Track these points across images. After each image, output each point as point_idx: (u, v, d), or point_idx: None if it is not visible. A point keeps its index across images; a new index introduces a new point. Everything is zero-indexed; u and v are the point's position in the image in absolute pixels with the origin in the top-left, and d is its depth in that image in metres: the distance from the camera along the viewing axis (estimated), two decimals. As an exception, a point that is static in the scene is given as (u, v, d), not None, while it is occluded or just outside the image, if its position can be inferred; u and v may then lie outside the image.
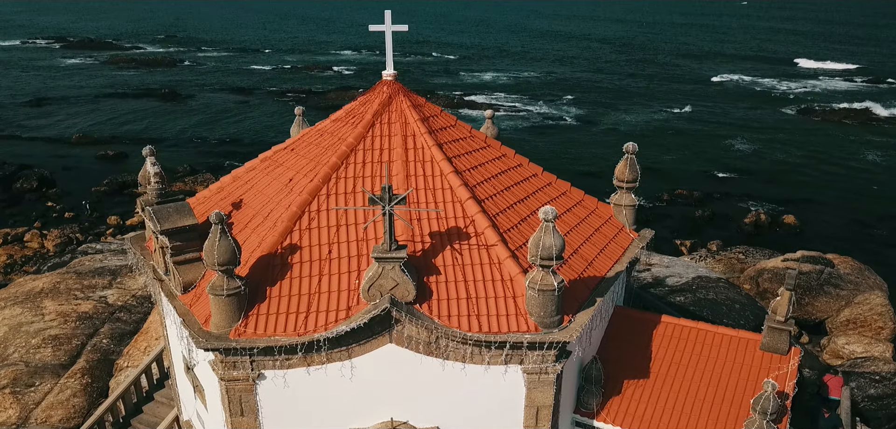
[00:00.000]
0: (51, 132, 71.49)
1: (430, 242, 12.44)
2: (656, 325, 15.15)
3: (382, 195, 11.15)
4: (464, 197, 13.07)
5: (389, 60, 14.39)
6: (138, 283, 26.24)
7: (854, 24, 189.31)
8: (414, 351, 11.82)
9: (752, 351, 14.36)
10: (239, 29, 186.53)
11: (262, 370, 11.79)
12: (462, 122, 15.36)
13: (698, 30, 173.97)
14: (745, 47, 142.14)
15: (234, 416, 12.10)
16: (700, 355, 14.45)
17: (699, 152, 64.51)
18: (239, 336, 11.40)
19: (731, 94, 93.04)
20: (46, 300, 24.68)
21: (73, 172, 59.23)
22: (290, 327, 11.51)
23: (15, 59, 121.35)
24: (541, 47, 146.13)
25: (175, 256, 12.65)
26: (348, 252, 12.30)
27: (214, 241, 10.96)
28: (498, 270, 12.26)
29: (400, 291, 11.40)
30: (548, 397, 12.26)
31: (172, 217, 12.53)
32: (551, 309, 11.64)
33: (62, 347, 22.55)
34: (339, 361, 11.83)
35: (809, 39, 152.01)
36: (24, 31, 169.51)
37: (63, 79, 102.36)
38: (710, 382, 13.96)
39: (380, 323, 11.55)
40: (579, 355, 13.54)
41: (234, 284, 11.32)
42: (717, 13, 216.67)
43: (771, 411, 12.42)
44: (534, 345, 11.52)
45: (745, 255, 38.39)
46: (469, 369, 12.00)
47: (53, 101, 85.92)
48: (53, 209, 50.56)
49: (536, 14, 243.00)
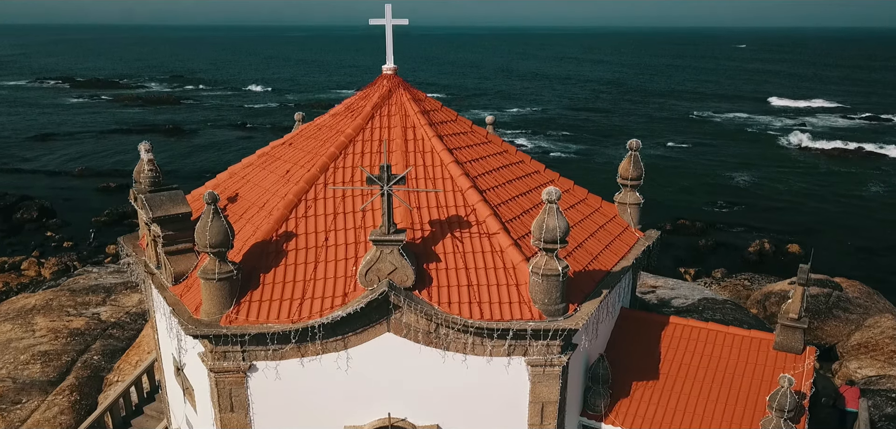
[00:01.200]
0: (54, 165, 71.76)
1: (430, 230, 12.05)
2: (664, 326, 14.61)
3: (381, 175, 10.82)
4: (465, 186, 12.74)
5: (390, 54, 14.26)
6: (133, 300, 25.69)
7: (849, 67, 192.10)
8: (413, 341, 11.30)
9: (765, 351, 13.79)
10: (241, 69, 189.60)
11: (254, 361, 11.27)
12: (463, 117, 15.16)
13: (696, 72, 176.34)
14: (744, 88, 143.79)
15: (224, 412, 11.50)
16: (711, 355, 13.88)
17: (699, 185, 64.37)
18: (230, 323, 10.92)
19: (729, 131, 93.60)
20: (38, 317, 24.11)
21: (73, 203, 59.14)
22: (284, 314, 11.04)
23: (21, 98, 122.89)
24: (534, 87, 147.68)
25: (167, 245, 12.26)
26: (345, 240, 11.90)
27: (207, 221, 10.59)
28: (500, 258, 11.84)
29: (398, 276, 10.96)
30: (553, 392, 11.67)
31: (165, 205, 12.20)
32: (556, 296, 11.18)
33: (51, 363, 21.90)
34: (334, 351, 11.31)
35: (806, 81, 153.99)
36: (32, 72, 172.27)
37: (68, 115, 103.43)
38: (722, 382, 13.36)
39: (377, 310, 11.08)
40: (586, 351, 12.99)
41: (226, 267, 10.90)
42: (715, 56, 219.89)
43: (788, 408, 11.81)
44: (538, 333, 11.02)
45: (751, 281, 37.77)
46: (471, 362, 11.46)
47: (58, 136, 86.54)
48: (52, 239, 50.27)
49: (528, 56, 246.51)
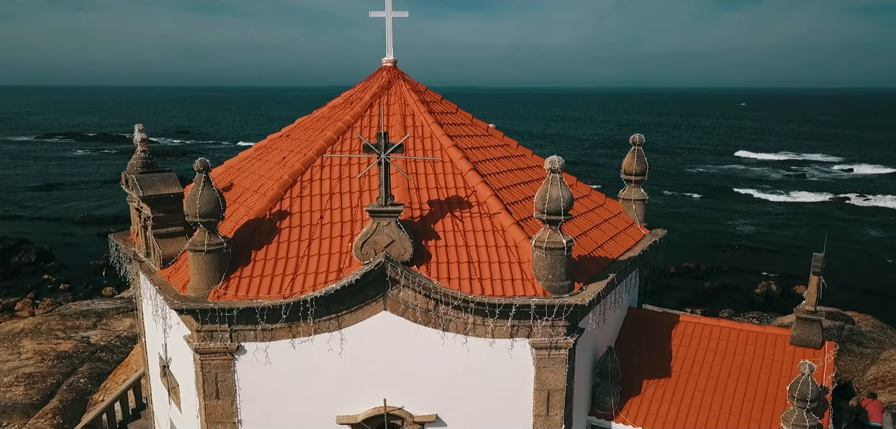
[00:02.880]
0: (55, 213, 71.79)
1: (429, 210, 11.63)
2: (675, 324, 13.94)
3: (378, 143, 10.50)
4: (465, 169, 12.40)
5: (389, 47, 14.20)
6: (124, 324, 24.94)
7: (845, 124, 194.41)
8: (411, 321, 10.70)
9: (782, 346, 13.08)
10: (249, 125, 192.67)
11: (242, 342, 10.64)
12: (463, 111, 14.96)
13: (697, 129, 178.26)
14: (743, 142, 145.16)
15: (209, 398, 10.78)
16: (725, 351, 13.16)
17: (702, 231, 63.98)
18: (218, 299, 10.37)
19: (731, 180, 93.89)
20: (26, 339, 23.36)
21: (72, 248, 58.83)
22: (275, 290, 10.50)
23: (27, 152, 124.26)
24: (535, 144, 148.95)
25: (157, 227, 11.84)
26: (341, 218, 11.47)
27: (198, 189, 10.22)
28: (502, 237, 11.37)
29: (396, 249, 10.48)
30: (559, 378, 10.97)
31: (156, 185, 11.85)
32: (560, 272, 10.65)
33: (36, 385, 21.04)
34: (327, 332, 10.69)
35: (804, 137, 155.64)
36: (39, 128, 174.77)
37: (74, 167, 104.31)
38: (738, 378, 12.60)
39: (373, 285, 10.53)
40: (594, 342, 12.32)
41: (216, 239, 10.44)
42: (716, 115, 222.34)
43: (810, 398, 11.05)
44: (542, 309, 10.42)
45: (760, 320, 36.85)
46: (472, 344, 10.81)
47: (61, 186, 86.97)
48: (49, 281, 49.69)
49: (530, 117, 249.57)
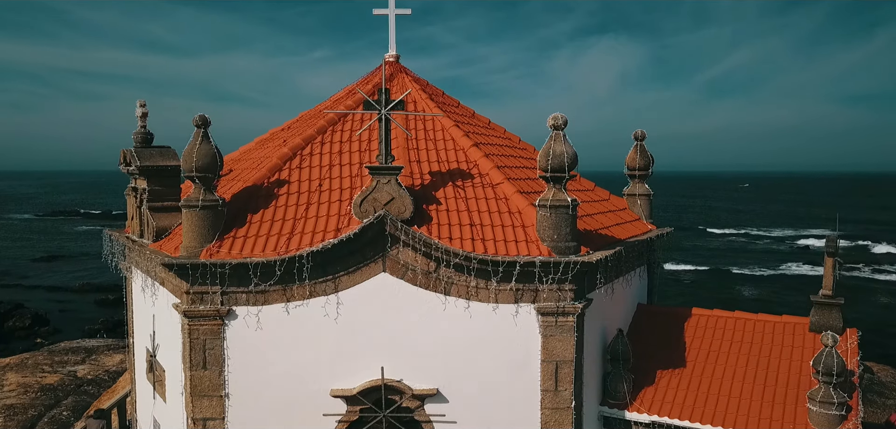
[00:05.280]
0: (54, 281, 71.10)
1: (430, 179, 11.38)
2: (687, 317, 13.32)
3: (379, 99, 10.42)
4: (466, 145, 12.25)
5: (392, 42, 14.43)
6: (114, 359, 24.01)
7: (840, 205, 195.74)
8: (411, 283, 10.22)
9: (801, 333, 12.42)
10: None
11: (234, 306, 10.13)
12: (464, 105, 15.00)
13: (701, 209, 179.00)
14: (747, 218, 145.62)
15: (195, 368, 10.13)
16: (742, 341, 12.49)
17: (708, 295, 62.99)
18: (211, 257, 9.96)
19: (733, 252, 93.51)
20: (10, 373, 22.46)
21: (68, 313, 57.79)
22: (270, 249, 10.11)
23: (31, 227, 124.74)
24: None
25: (152, 201, 11.56)
26: (340, 186, 11.21)
27: (195, 143, 10.04)
28: (505, 204, 11.07)
29: (396, 206, 10.16)
30: (568, 348, 10.34)
31: (154, 157, 11.68)
32: (566, 232, 10.27)
33: (16, 417, 19.99)
34: (323, 295, 10.19)
35: (801, 218, 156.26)
36: (45, 206, 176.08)
37: (76, 241, 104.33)
38: (758, 365, 11.88)
39: (372, 245, 10.13)
40: (603, 324, 11.71)
41: (211, 196, 10.16)
42: (719, 197, 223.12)
43: (836, 371, 10.35)
44: (548, 266, 9.95)
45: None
46: (474, 309, 10.27)
47: (64, 258, 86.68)
48: (41, 345, 48.54)
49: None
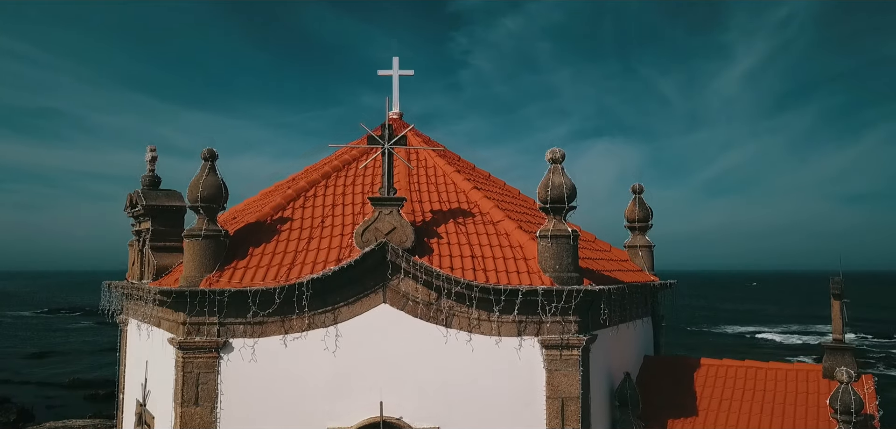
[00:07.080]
0: (44, 377, 69.23)
1: (432, 216, 11.47)
2: (697, 367, 12.93)
3: (382, 134, 10.72)
4: (467, 188, 12.45)
5: (396, 101, 15.01)
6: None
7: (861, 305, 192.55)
8: (411, 315, 10.06)
9: (815, 380, 12.00)
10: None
11: (230, 338, 9.92)
12: (465, 159, 15.32)
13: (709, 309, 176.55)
14: (756, 314, 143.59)
15: (187, 404, 9.76)
16: (754, 389, 12.05)
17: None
18: (210, 286, 9.87)
19: (740, 345, 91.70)
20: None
21: (56, 409, 55.73)
22: (270, 279, 10.03)
23: (25, 323, 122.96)
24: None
25: (154, 240, 11.60)
26: (343, 222, 11.29)
27: (202, 175, 10.25)
28: (506, 239, 11.10)
29: (397, 236, 10.19)
30: (573, 383, 9.99)
31: (160, 197, 11.85)
32: (567, 262, 10.23)
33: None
34: (321, 327, 10.00)
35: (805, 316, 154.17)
36: (43, 303, 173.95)
37: (70, 337, 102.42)
38: (773, 412, 11.41)
39: (373, 275, 10.07)
40: (609, 366, 11.37)
41: (214, 226, 10.23)
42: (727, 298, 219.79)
43: (855, 408, 9.94)
44: (551, 295, 9.81)
45: None
46: (476, 342, 10.04)
47: (55, 354, 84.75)
48: (25, 439, 46.65)
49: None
